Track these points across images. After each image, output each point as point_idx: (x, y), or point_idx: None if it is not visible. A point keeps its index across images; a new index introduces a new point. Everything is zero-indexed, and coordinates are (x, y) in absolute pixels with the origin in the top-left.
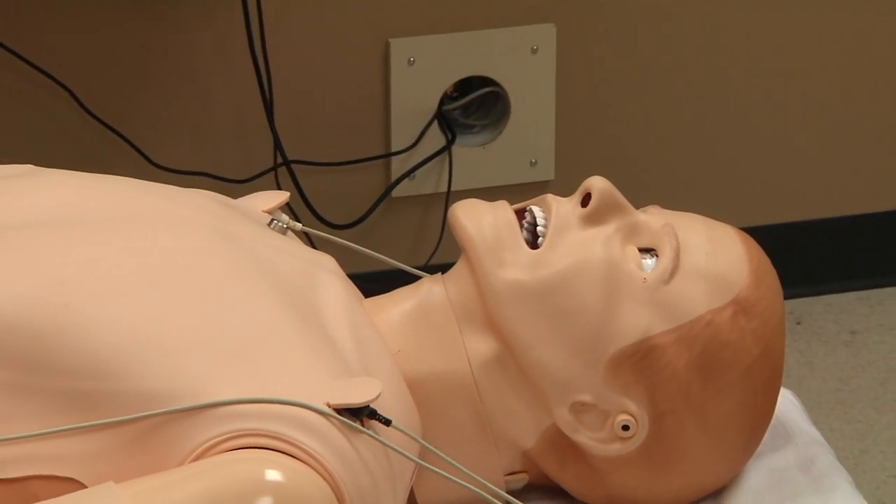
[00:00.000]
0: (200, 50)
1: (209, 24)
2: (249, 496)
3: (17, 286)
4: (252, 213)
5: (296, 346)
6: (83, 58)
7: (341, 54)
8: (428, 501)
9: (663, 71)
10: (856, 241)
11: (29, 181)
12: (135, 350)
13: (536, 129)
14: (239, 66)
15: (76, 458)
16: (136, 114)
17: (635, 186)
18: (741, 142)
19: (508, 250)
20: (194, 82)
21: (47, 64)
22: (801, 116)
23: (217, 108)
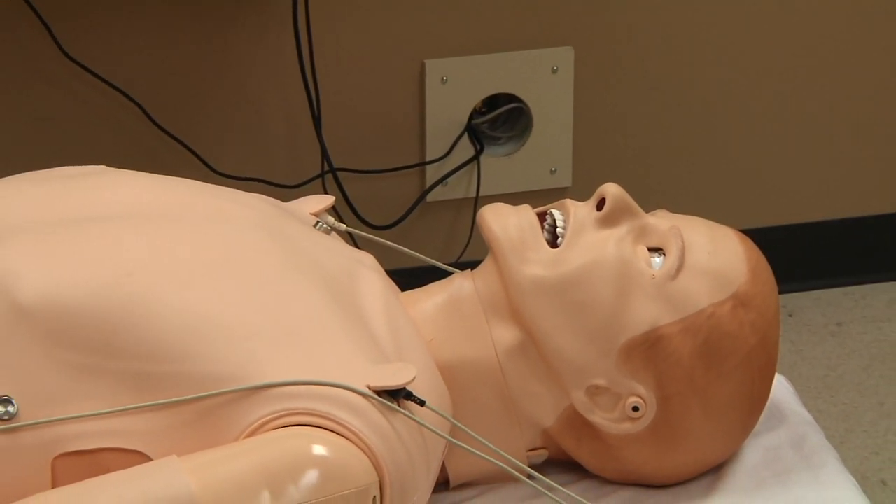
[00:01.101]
0: (256, 69)
1: (264, 46)
2: (298, 468)
3: (90, 276)
4: (301, 215)
5: (339, 335)
6: (152, 76)
7: (382, 73)
8: (458, 474)
9: (669, 89)
10: (842, 243)
11: (101, 179)
12: (196, 336)
13: (556, 140)
14: (290, 84)
15: (143, 434)
16: (199, 126)
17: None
18: (740, 152)
19: (531, 249)
20: (251, 98)
21: (121, 81)
22: (795, 135)
23: (271, 121)
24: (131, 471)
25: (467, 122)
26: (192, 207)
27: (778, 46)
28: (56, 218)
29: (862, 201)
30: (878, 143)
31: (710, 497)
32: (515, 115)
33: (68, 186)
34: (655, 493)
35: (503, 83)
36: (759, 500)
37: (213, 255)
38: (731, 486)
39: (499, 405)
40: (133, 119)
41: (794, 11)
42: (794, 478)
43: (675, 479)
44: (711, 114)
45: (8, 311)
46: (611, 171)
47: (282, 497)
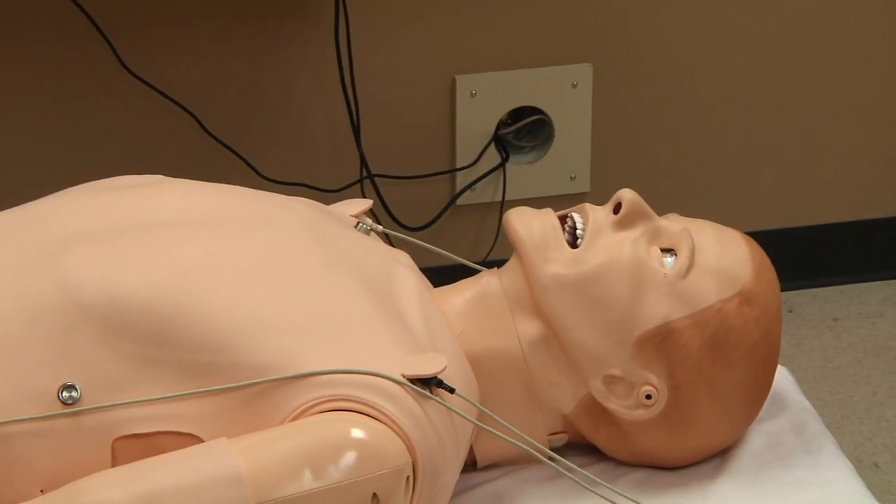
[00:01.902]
0: (301, 83)
1: (308, 62)
2: (337, 450)
3: (149, 275)
4: (342, 217)
5: (376, 327)
6: (206, 89)
7: (416, 87)
8: (485, 456)
9: (679, 103)
10: (839, 244)
11: (159, 188)
12: (246, 329)
13: (575, 149)
14: (332, 96)
15: (195, 418)
16: (248, 135)
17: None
18: (746, 161)
19: (553, 249)
20: (296, 109)
21: (177, 94)
22: (796, 147)
23: (314, 131)
24: (185, 451)
25: (494, 132)
26: (241, 212)
27: (780, 66)
28: (118, 225)
29: (857, 207)
30: (871, 155)
31: (717, 478)
32: (538, 126)
33: (128, 196)
34: (666, 475)
35: (527, 97)
36: (762, 481)
37: (260, 255)
38: (737, 468)
39: (522, 393)
40: (188, 129)
41: (800, 30)
42: (795, 461)
43: (685, 462)
44: (719, 125)
45: (73, 309)
46: (626, 178)
47: (322, 476)
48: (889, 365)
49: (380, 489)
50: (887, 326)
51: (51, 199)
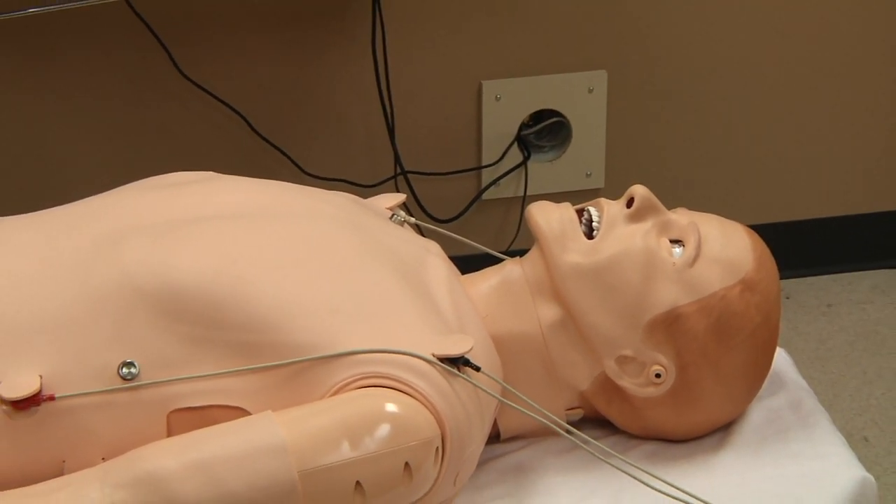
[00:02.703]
0: (341, 87)
1: (348, 68)
2: (373, 423)
3: (203, 263)
4: (378, 210)
5: (409, 311)
6: (255, 93)
7: (446, 92)
8: (507, 429)
9: (687, 106)
10: (833, 237)
11: (211, 184)
12: (290, 312)
13: (591, 149)
14: (369, 100)
15: (243, 393)
16: (292, 134)
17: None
18: (748, 160)
19: (571, 240)
20: (336, 111)
21: (228, 97)
22: (794, 147)
23: (352, 131)
24: (233, 423)
25: (517, 133)
26: (285, 206)
27: (778, 76)
28: (173, 218)
29: (849, 203)
30: (862, 156)
31: (720, 451)
32: (557, 127)
33: (183, 191)
34: (674, 447)
35: (547, 100)
36: (762, 454)
37: (303, 245)
38: (739, 441)
39: (542, 371)
40: (238, 129)
41: (802, 42)
42: (792, 435)
43: (691, 435)
44: (723, 127)
45: (131, 294)
46: (638, 175)
47: (359, 447)
48: (877, 347)
49: (411, 459)
50: (876, 312)
51: (113, 194)
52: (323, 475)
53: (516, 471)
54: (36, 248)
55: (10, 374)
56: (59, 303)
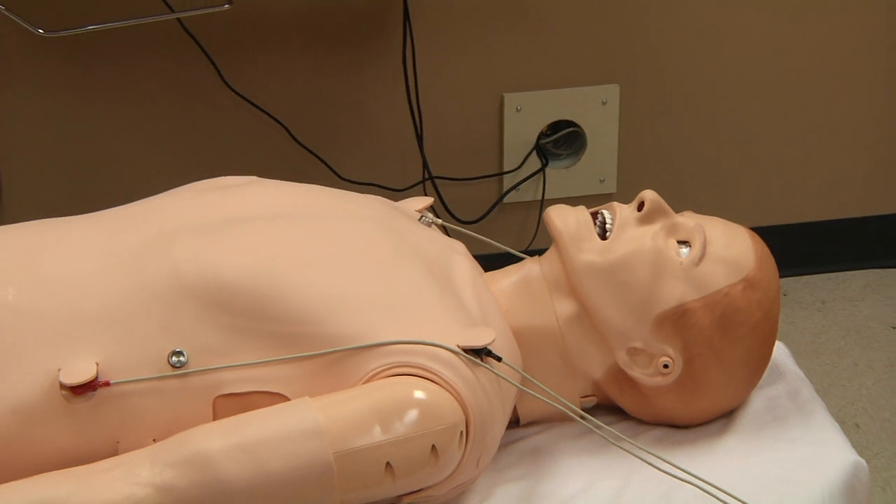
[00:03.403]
0: (374, 99)
1: (381, 81)
2: (403, 408)
3: (246, 260)
4: (407, 212)
5: (436, 305)
6: (295, 103)
7: (470, 103)
8: (526, 414)
9: (693, 117)
10: (827, 239)
11: (254, 188)
12: (327, 305)
13: (604, 156)
14: (400, 110)
15: (283, 380)
16: (329, 142)
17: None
18: (750, 168)
19: (586, 240)
20: (369, 121)
21: (270, 107)
22: (794, 156)
23: (384, 139)
24: (274, 408)
25: (535, 141)
26: (322, 208)
27: (779, 91)
28: (218, 218)
29: (843, 207)
30: (854, 165)
31: (724, 436)
32: (573, 137)
33: (227, 194)
34: (680, 432)
35: (564, 112)
36: (762, 439)
37: (338, 244)
38: (741, 427)
39: (558, 361)
40: (279, 137)
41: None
42: (791, 422)
43: (696, 422)
44: (727, 136)
45: (180, 288)
46: (648, 181)
47: (389, 430)
48: (868, 341)
49: (438, 442)
50: (867, 308)
51: (165, 196)
52: (356, 456)
53: (534, 453)
54: (95, 245)
55: (69, 361)
56: (115, 296)
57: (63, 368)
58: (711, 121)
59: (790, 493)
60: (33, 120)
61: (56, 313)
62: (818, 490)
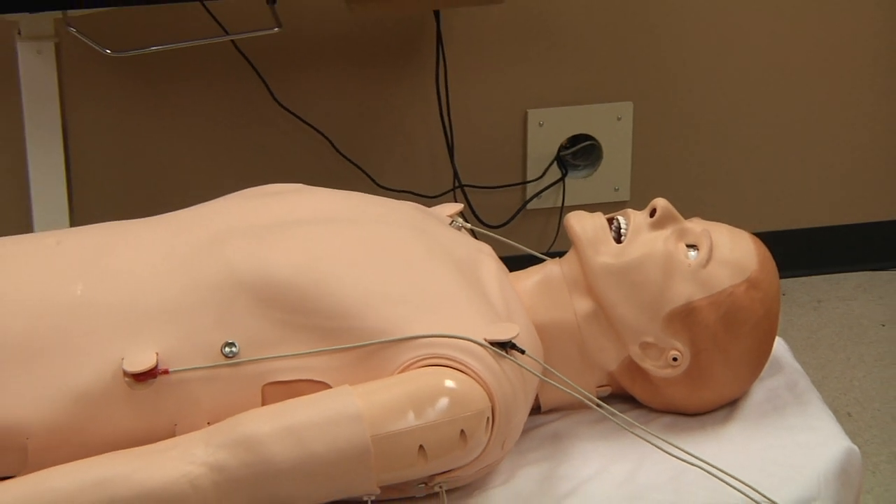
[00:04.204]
0: (409, 113)
1: (415, 97)
2: (434, 396)
3: (293, 260)
4: (439, 217)
5: (464, 302)
6: (338, 117)
7: (497, 118)
8: (547, 402)
9: (700, 132)
10: (823, 243)
11: (300, 194)
12: (366, 302)
13: (618, 167)
14: (432, 124)
15: (326, 370)
16: (368, 153)
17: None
18: (753, 178)
19: (602, 244)
20: (405, 133)
21: (315, 121)
22: (794, 168)
23: (418, 151)
24: (317, 395)
25: (556, 153)
26: (362, 213)
27: (783, 108)
28: (268, 222)
29: (838, 214)
30: (849, 177)
31: (727, 423)
32: (590, 149)
33: (275, 200)
34: (688, 420)
35: (582, 127)
36: (763, 426)
37: (376, 245)
38: (743, 415)
39: (577, 354)
40: (323, 148)
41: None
42: (789, 411)
43: (703, 410)
44: (732, 149)
45: (233, 285)
46: (658, 189)
47: (422, 416)
48: (859, 337)
49: (466, 427)
50: (859, 307)
51: (220, 201)
52: (391, 440)
53: (554, 438)
54: (157, 245)
55: (132, 351)
56: (174, 292)
57: (126, 358)
58: (716, 136)
59: (789, 476)
60: (101, 131)
61: (120, 307)
62: (814, 473)
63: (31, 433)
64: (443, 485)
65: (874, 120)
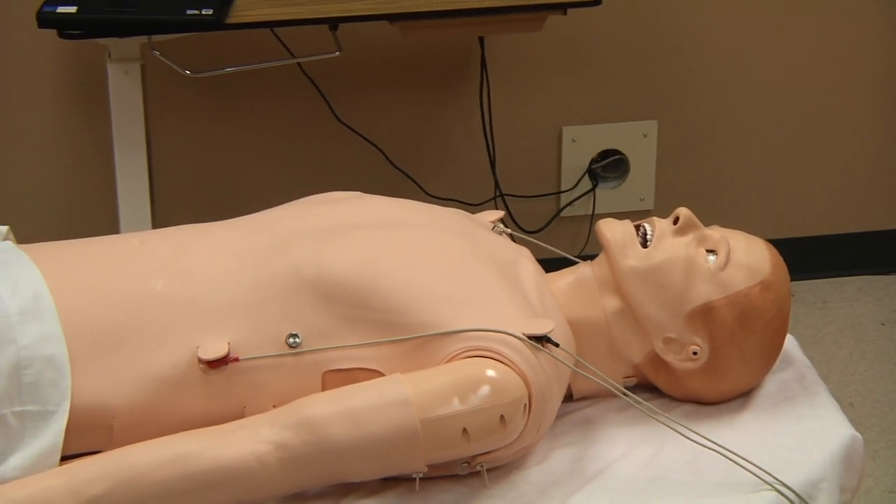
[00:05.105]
0: (456, 129)
1: (461, 114)
2: (477, 384)
3: (351, 260)
4: (482, 222)
5: (505, 300)
6: (390, 132)
7: (534, 134)
8: (578, 391)
9: (718, 148)
10: (829, 250)
11: (357, 201)
12: (416, 298)
13: (644, 180)
14: (476, 139)
15: (380, 359)
16: (419, 164)
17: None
18: (767, 190)
19: (630, 248)
20: (451, 147)
21: (371, 135)
22: (803, 180)
23: (464, 163)
24: (372, 382)
25: (587, 166)
26: (413, 218)
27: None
28: (329, 225)
29: (841, 224)
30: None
31: (742, 411)
32: (619, 163)
33: (335, 205)
34: (706, 408)
35: (611, 143)
36: (774, 414)
37: (425, 247)
38: (756, 404)
39: (606, 347)
40: (378, 160)
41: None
42: (798, 401)
43: (719, 400)
44: (748, 164)
45: (298, 282)
46: (680, 200)
47: (466, 402)
48: (861, 335)
49: (506, 412)
50: (861, 308)
51: (284, 207)
52: (438, 423)
53: (584, 423)
54: (229, 246)
55: (206, 340)
56: (244, 288)
57: (201, 346)
58: (732, 152)
59: (798, 460)
60: (181, 143)
61: (196, 301)
62: (821, 458)
63: (117, 413)
64: (484, 464)
65: (877, 140)
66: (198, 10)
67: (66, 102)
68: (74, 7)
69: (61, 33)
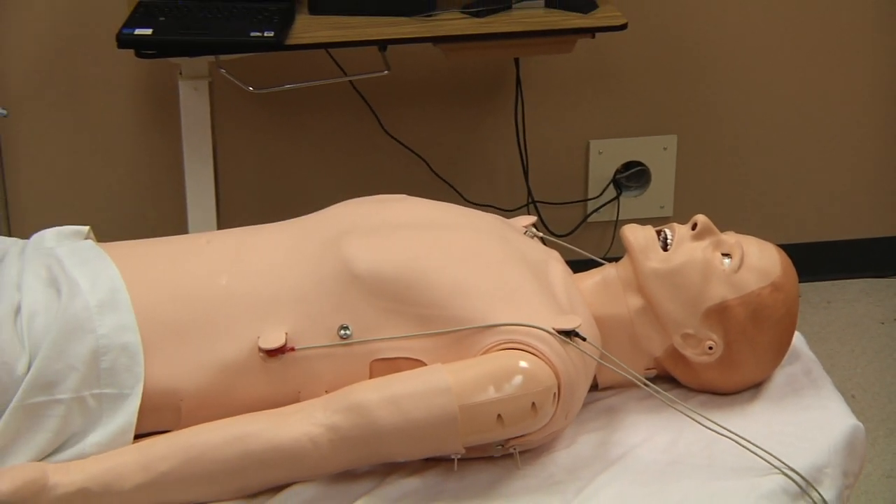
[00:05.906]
0: (492, 142)
1: (497, 128)
2: (510, 374)
3: (394, 257)
4: (516, 226)
5: (536, 298)
6: (433, 144)
7: (564, 147)
8: (603, 381)
9: (732, 161)
10: (834, 254)
11: (403, 203)
12: (455, 294)
13: (664, 189)
14: (511, 151)
15: (423, 350)
16: (458, 173)
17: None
18: (777, 199)
19: (651, 251)
20: (488, 157)
21: (415, 146)
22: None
23: (499, 172)
24: (415, 371)
25: (612, 176)
26: (453, 221)
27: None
28: (376, 224)
29: (846, 231)
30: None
31: (753, 402)
32: (641, 174)
33: (383, 206)
34: (720, 398)
35: (634, 155)
36: (782, 405)
37: (464, 248)
38: (766, 395)
39: (628, 342)
40: (421, 169)
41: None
42: (805, 392)
43: (733, 391)
44: (761, 175)
45: (348, 277)
46: (697, 208)
47: (501, 391)
48: (862, 332)
49: (537, 400)
50: (862, 308)
51: (335, 207)
52: (475, 409)
53: (609, 411)
54: (286, 244)
55: (266, 331)
56: (299, 283)
57: (261, 336)
58: (746, 164)
59: (804, 447)
60: (244, 153)
61: (256, 295)
62: (826, 445)
63: (184, 396)
64: (516, 447)
65: (879, 154)
66: (260, 33)
67: (142, 115)
68: (150, 30)
69: (138, 53)
